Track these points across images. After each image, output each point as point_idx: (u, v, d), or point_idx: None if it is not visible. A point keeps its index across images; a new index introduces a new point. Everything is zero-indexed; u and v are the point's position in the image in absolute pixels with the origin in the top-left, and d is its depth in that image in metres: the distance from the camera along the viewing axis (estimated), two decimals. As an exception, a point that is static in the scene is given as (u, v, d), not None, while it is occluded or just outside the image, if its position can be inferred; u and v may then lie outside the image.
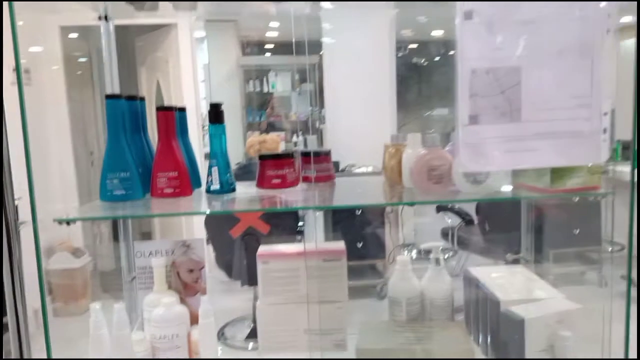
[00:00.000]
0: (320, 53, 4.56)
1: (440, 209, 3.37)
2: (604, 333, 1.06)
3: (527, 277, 1.26)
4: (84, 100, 4.43)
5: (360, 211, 3.53)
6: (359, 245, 3.48)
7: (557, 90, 0.88)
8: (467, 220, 3.27)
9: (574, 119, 0.88)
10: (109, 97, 1.06)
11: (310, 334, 1.20)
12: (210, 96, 5.37)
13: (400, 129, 4.71)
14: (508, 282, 1.22)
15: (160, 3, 1.21)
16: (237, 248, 3.04)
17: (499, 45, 0.86)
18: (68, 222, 0.98)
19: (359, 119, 4.14)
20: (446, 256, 3.61)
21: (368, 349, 1.14)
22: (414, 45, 5.84)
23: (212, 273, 3.14)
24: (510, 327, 1.06)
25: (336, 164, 3.93)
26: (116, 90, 1.28)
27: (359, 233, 3.51)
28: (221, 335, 3.08)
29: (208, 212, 1.22)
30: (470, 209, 3.36)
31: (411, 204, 1.15)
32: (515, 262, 1.39)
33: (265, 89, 5.91)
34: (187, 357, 1.12)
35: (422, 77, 6.01)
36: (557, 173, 0.96)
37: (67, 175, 3.60)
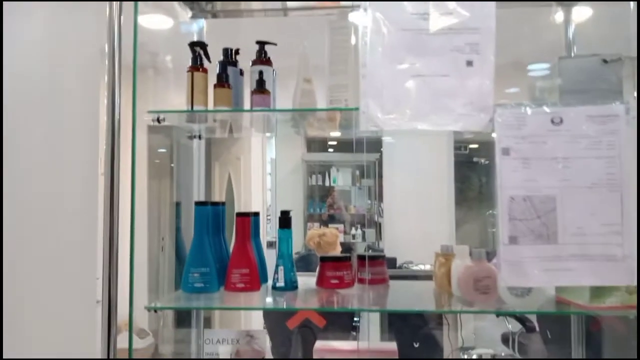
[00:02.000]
0: (380, 150, 4.79)
1: (501, 313, 3.31)
2: None
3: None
4: (161, 188, 4.81)
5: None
6: (416, 345, 3.44)
7: (590, 218, 0.98)
8: (528, 327, 3.20)
9: (607, 244, 0.98)
10: (198, 203, 1.26)
11: None
12: (276, 188, 5.67)
13: (459, 228, 4.75)
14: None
15: (244, 126, 1.44)
16: (293, 340, 3.11)
17: (534, 177, 0.98)
18: (156, 310, 1.14)
19: (417, 216, 4.24)
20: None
21: None
22: (475, 145, 6.00)
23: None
24: None
25: (393, 261, 4.00)
26: (201, 194, 1.49)
27: (416, 333, 3.48)
28: None
29: (274, 308, 1.35)
30: (532, 315, 3.29)
31: (458, 312, 1.23)
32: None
33: (327, 183, 6.18)
34: None
35: (482, 177, 6.09)
36: (596, 291, 1.04)
37: (139, 261, 3.87)
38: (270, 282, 1.32)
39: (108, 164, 1.10)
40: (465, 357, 3.90)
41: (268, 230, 4.16)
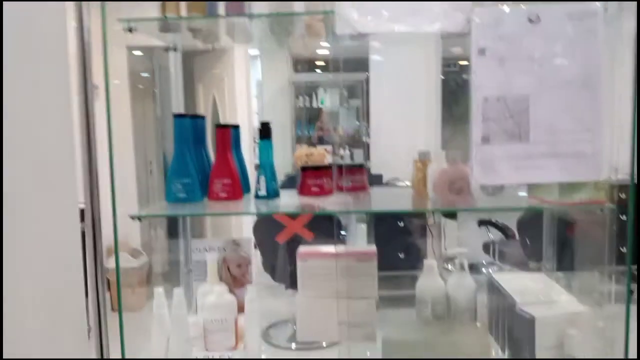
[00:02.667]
0: (367, 69, 4.73)
1: (482, 223, 3.44)
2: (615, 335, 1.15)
3: (545, 282, 1.36)
4: (146, 112, 4.76)
5: (402, 223, 3.65)
6: (401, 256, 3.59)
7: (561, 116, 1.00)
8: (508, 235, 3.33)
9: (577, 141, 1.00)
10: (176, 116, 1.26)
11: (343, 326, 1.34)
12: (263, 111, 5.62)
13: (446, 145, 4.79)
14: (526, 286, 1.33)
15: (221, 35, 1.41)
16: (283, 254, 3.22)
17: (509, 77, 0.99)
18: (140, 219, 1.17)
19: (404, 134, 4.26)
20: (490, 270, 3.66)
21: (393, 340, 1.27)
22: (465, 62, 5.92)
23: (259, 278, 3.33)
24: (522, 325, 1.17)
25: (379, 177, 4.06)
26: (180, 108, 1.48)
27: (401, 244, 3.61)
28: (266, 335, 3.26)
29: (255, 212, 1.39)
30: (512, 224, 3.41)
31: (431, 211, 1.27)
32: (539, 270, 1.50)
33: (315, 104, 6.13)
34: (234, 339, 1.29)
35: (470, 93, 6.06)
36: (565, 188, 1.08)
37: (127, 182, 3.91)
38: (253, 193, 1.35)
39: (81, 82, 1.08)
40: (450, 267, 4.07)
41: (256, 154, 4.19)
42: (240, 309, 1.34)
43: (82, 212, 1.18)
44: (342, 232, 3.34)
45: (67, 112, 1.33)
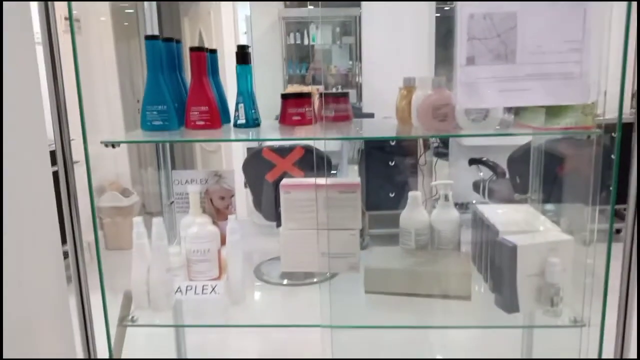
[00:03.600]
0: (360, 6, 4.56)
1: (473, 162, 3.42)
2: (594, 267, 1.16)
3: (530, 213, 1.35)
4: (131, 49, 4.62)
5: (393, 162, 3.63)
6: (391, 195, 3.59)
7: (550, 35, 0.95)
8: (498, 173, 3.32)
9: (565, 62, 0.96)
10: (148, 37, 1.20)
11: (326, 257, 1.34)
12: (253, 49, 5.46)
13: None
14: (511, 217, 1.32)
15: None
16: (272, 192, 3.21)
17: (496, -9, 0.93)
18: (113, 145, 1.14)
19: (396, 73, 4.16)
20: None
21: (375, 269, 1.28)
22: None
23: (250, 217, 3.33)
24: (504, 254, 1.17)
25: (371, 116, 4.01)
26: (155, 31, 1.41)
27: (392, 184, 3.61)
28: (258, 271, 3.31)
29: (233, 140, 1.35)
30: (503, 162, 3.40)
31: (413, 138, 1.24)
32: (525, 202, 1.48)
33: (306, 41, 5.95)
34: (217, 270, 1.29)
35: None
36: (552, 113, 1.04)
37: (114, 116, 3.86)
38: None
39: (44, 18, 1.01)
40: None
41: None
42: (224, 241, 1.33)
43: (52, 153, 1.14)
44: (333, 172, 3.33)
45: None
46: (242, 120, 1.27)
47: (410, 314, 1.32)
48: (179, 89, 1.28)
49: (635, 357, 1.13)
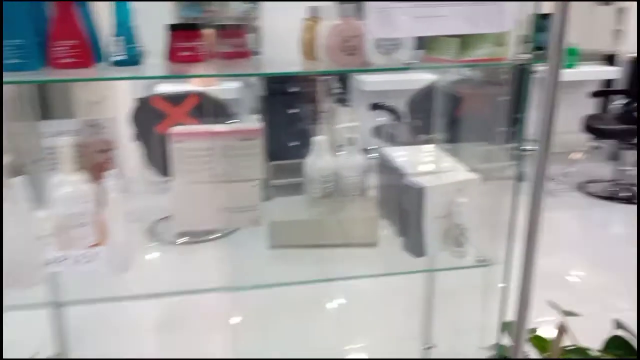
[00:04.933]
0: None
1: (373, 106, 3.39)
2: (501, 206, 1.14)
3: (436, 154, 1.31)
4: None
5: (295, 109, 3.52)
6: (294, 144, 3.49)
7: (467, -47, 0.86)
8: (399, 117, 3.33)
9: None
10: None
11: (224, 212, 1.21)
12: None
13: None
14: (417, 158, 1.26)
15: None
16: (165, 145, 2.98)
17: None
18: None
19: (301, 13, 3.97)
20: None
21: (280, 222, 1.17)
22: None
23: (142, 174, 3.08)
24: (412, 196, 1.11)
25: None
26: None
27: (294, 133, 3.51)
28: (153, 230, 3.10)
29: (108, 78, 1.15)
30: (403, 107, 3.41)
31: (321, 73, 1.13)
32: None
33: (198, -18, 5.52)
34: (97, 235, 1.11)
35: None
36: (465, 44, 0.97)
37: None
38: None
39: None
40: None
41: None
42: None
43: None
44: (233, 121, 3.15)
45: None
46: (121, 57, 1.07)
47: (315, 265, 1.25)
48: (41, 19, 1.05)
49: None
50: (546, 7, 0.92)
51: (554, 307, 1.36)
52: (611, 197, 3.76)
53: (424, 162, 1.26)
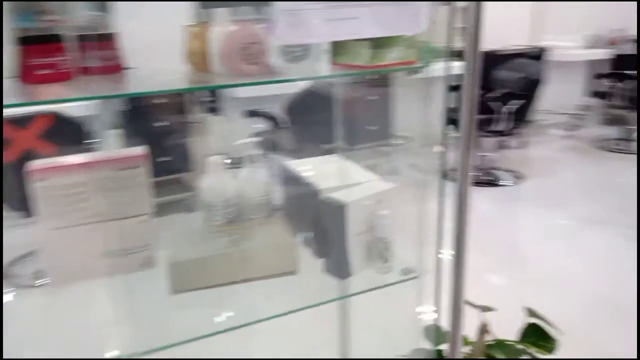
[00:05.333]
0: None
1: (248, 114, 3.26)
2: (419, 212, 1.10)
3: (342, 164, 1.23)
4: None
5: (162, 122, 3.26)
6: (163, 159, 3.23)
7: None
8: (278, 123, 3.23)
9: (395, -17, 0.80)
10: None
11: (110, 257, 1.01)
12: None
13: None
14: (324, 171, 1.17)
15: None
16: (15, 175, 2.56)
17: None
18: None
19: (161, 14, 3.67)
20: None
21: (183, 262, 1.00)
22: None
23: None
24: (331, 213, 1.01)
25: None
26: None
27: (162, 147, 3.25)
28: (11, 274, 2.66)
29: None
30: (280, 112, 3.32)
31: (217, 88, 0.99)
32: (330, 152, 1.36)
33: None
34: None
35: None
36: (376, 49, 0.89)
37: None
38: None
39: None
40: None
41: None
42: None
43: None
44: (93, 141, 2.81)
45: None
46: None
47: (229, 307, 1.07)
48: None
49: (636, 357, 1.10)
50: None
51: (469, 305, 1.36)
52: (475, 183, 4.04)
53: (333, 174, 1.17)
